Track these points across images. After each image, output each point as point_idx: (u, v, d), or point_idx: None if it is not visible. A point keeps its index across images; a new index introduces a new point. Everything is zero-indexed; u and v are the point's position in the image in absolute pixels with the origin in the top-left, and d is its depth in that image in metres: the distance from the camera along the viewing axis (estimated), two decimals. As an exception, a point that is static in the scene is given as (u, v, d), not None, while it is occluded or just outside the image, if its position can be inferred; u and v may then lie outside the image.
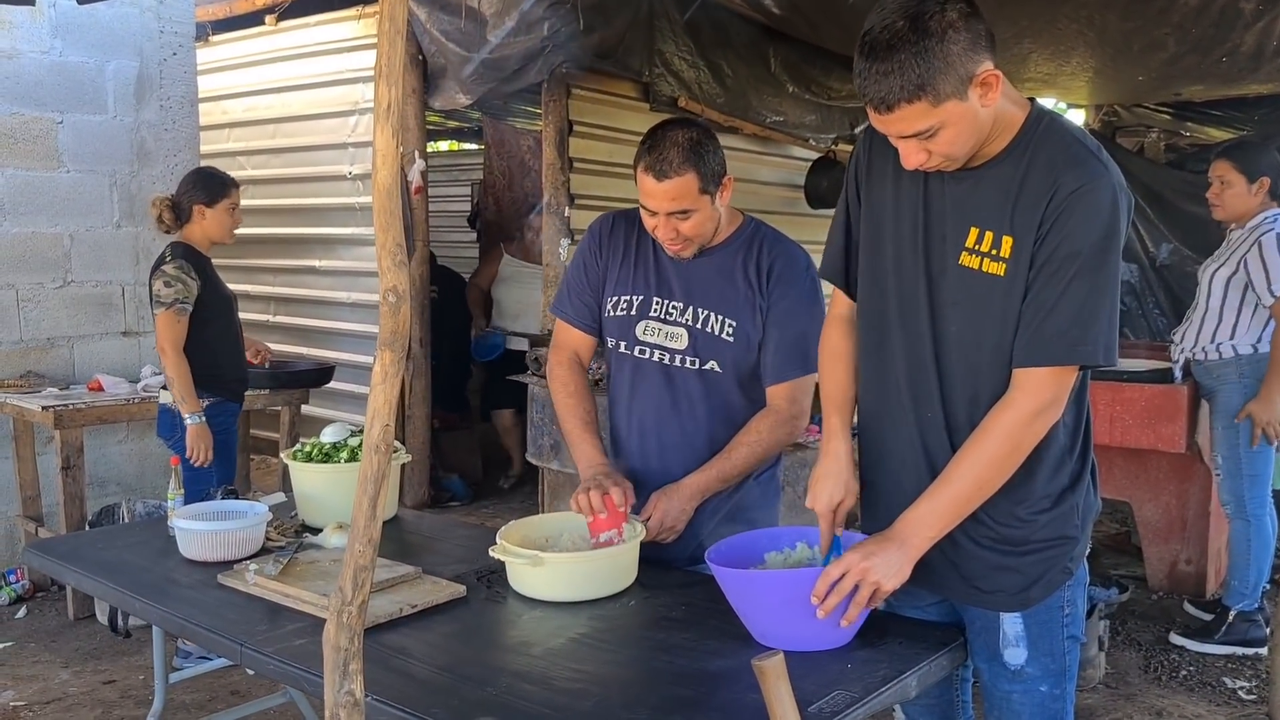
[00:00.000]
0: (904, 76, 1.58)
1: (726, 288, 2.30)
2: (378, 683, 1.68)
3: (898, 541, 1.73)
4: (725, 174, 2.24)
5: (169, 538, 2.48)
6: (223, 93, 6.83)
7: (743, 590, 1.83)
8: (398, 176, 1.45)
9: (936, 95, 1.59)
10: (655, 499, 2.26)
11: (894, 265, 1.84)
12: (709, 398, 2.32)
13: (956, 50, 1.58)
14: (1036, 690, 1.86)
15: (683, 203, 2.18)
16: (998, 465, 1.71)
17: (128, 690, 3.67)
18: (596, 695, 1.67)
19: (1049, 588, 1.83)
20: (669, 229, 2.23)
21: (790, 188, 7.46)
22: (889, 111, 1.63)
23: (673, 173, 2.15)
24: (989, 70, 1.62)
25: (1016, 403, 1.70)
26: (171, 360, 3.69)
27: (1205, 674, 3.76)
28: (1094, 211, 1.64)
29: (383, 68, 1.40)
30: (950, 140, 1.65)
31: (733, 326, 2.29)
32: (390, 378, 1.49)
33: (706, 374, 2.32)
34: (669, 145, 2.16)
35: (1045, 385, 1.69)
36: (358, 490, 1.49)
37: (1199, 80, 6.69)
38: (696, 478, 2.27)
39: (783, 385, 2.28)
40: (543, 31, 5.02)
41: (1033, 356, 1.69)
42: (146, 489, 5.04)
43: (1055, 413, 1.72)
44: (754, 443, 2.27)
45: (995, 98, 1.64)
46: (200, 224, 3.86)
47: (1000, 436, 1.70)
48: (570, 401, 2.42)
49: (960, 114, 1.62)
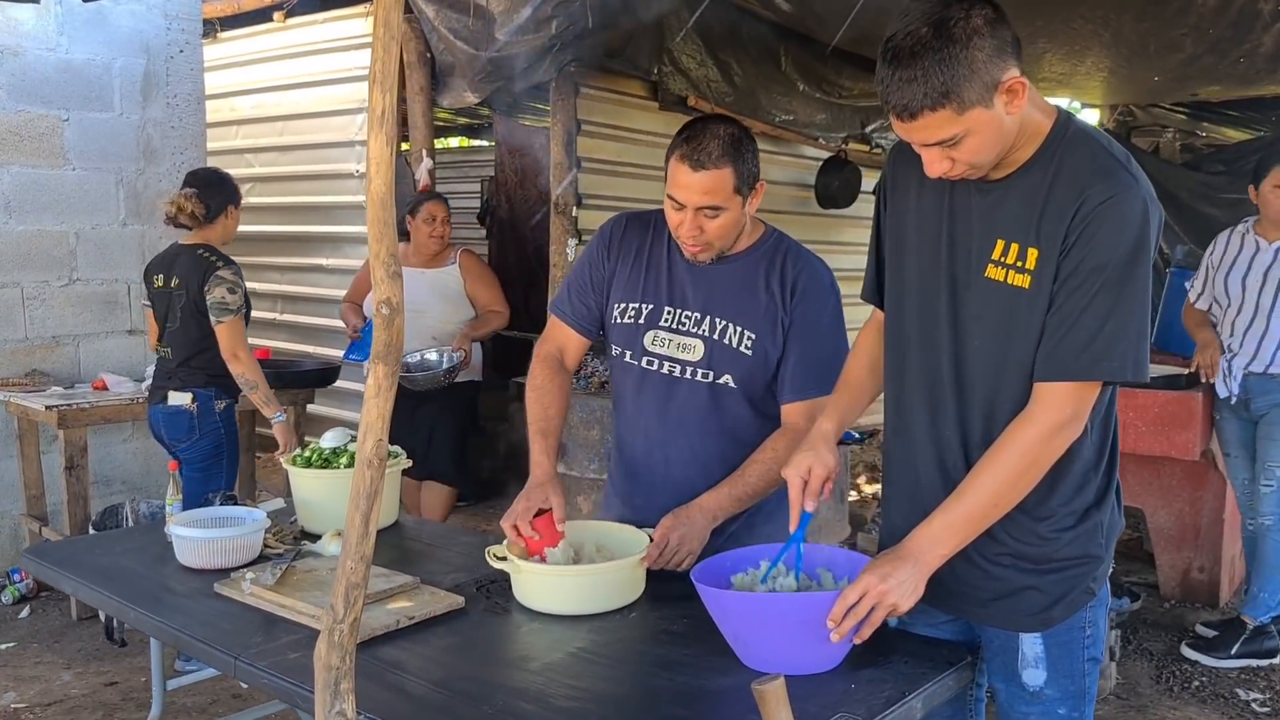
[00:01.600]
0: (928, 84, 1.54)
1: (747, 299, 2.21)
2: (372, 699, 1.64)
3: (912, 559, 1.68)
4: (760, 178, 2.16)
5: (167, 544, 2.45)
6: (230, 90, 6.81)
7: (729, 612, 1.77)
8: (392, 185, 1.41)
9: (961, 103, 1.55)
10: (668, 523, 2.15)
11: (917, 280, 1.81)
12: (718, 413, 2.24)
13: (982, 57, 1.54)
14: (1055, 713, 1.82)
15: (715, 198, 2.09)
16: (1014, 482, 1.67)
17: (129, 692, 3.65)
18: (594, 714, 1.64)
19: (1071, 608, 1.78)
20: (694, 226, 2.12)
21: (800, 187, 7.40)
22: (912, 119, 1.58)
23: (710, 164, 2.07)
24: (1015, 77, 1.57)
25: (1036, 418, 1.65)
26: (248, 364, 3.68)
27: (1218, 685, 3.71)
28: (1122, 224, 1.60)
29: (377, 74, 1.37)
30: (975, 149, 1.61)
31: (751, 339, 2.20)
32: (384, 391, 1.46)
33: (718, 388, 2.23)
34: (709, 137, 2.08)
35: (1066, 401, 1.64)
36: (349, 506, 1.45)
37: (1216, 81, 6.61)
38: (709, 499, 2.17)
39: (802, 404, 2.19)
40: (551, 30, 4.98)
41: (1053, 371, 1.65)
42: (151, 488, 5.03)
43: (1075, 430, 1.67)
44: (769, 460, 2.16)
45: (1021, 105, 1.60)
46: (224, 224, 3.85)
47: (1018, 452, 1.66)
48: (536, 399, 2.34)
49: (985, 122, 1.58)
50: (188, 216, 3.77)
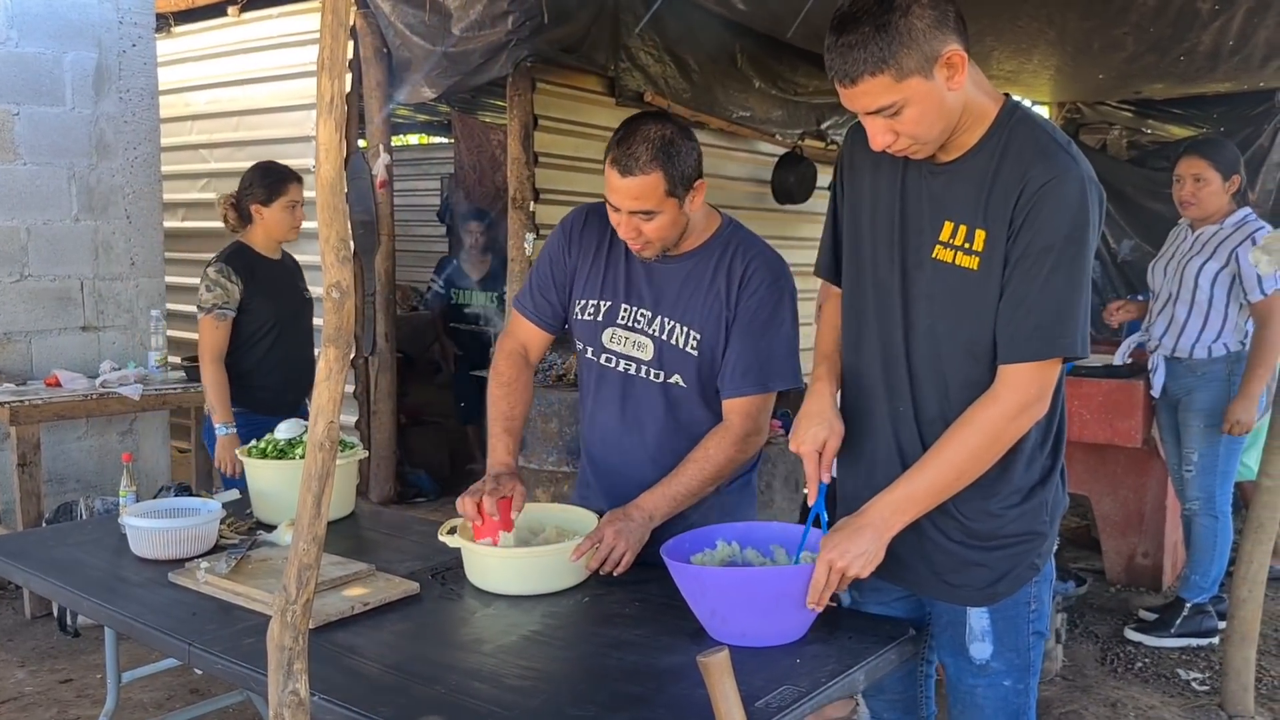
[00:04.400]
0: (866, 50, 1.58)
1: (694, 297, 2.18)
2: (325, 681, 1.67)
3: (870, 526, 1.73)
4: (698, 177, 2.11)
5: (122, 535, 2.45)
6: (185, 85, 6.73)
7: (696, 586, 1.82)
8: (341, 170, 1.44)
9: (899, 70, 1.59)
10: (604, 525, 2.11)
11: (871, 257, 1.86)
12: (672, 412, 2.22)
13: (921, 26, 1.58)
14: (1001, 684, 1.88)
15: (646, 202, 2.07)
16: (977, 457, 1.72)
17: (85, 689, 3.62)
18: (545, 693, 1.67)
19: (1016, 583, 1.84)
20: (631, 228, 2.12)
21: (757, 183, 7.46)
22: (853, 85, 1.63)
23: (638, 170, 2.04)
24: (955, 50, 1.61)
25: (1002, 398, 1.71)
26: (207, 369, 3.58)
27: (1160, 666, 3.81)
28: (1064, 204, 1.65)
29: (325, 60, 1.39)
30: (915, 120, 1.65)
31: (697, 339, 2.18)
32: (335, 374, 1.48)
33: (671, 388, 2.22)
34: (638, 140, 2.05)
35: (1031, 380, 1.70)
36: (301, 488, 1.48)
37: (1158, 79, 6.77)
38: (646, 499, 2.14)
39: (738, 400, 2.16)
40: (507, 25, 4.99)
41: (1016, 352, 1.70)
42: (106, 486, 4.97)
43: (1040, 409, 1.73)
44: (702, 460, 2.14)
45: (962, 80, 1.64)
46: (261, 225, 3.77)
47: (983, 429, 1.71)
48: (497, 394, 2.34)
49: (925, 93, 1.62)
50: (226, 220, 3.83)
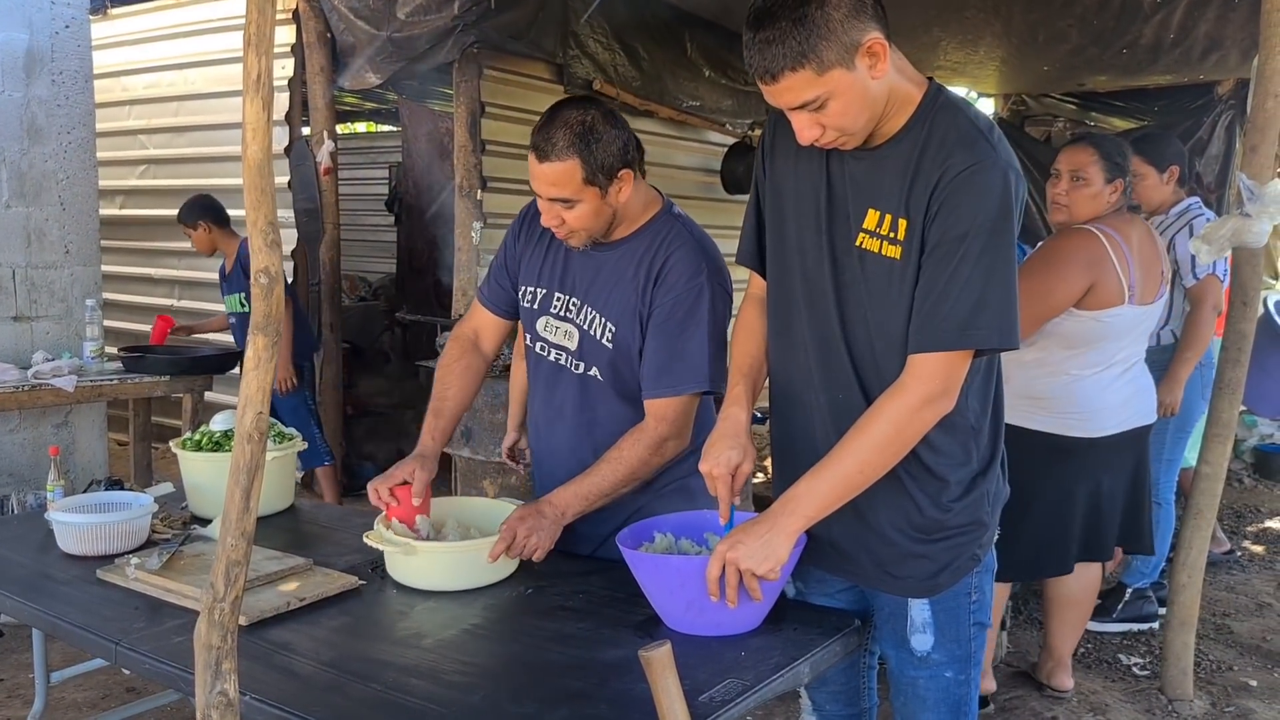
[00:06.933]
0: (785, 45, 1.56)
1: (615, 288, 2.12)
2: (257, 680, 1.62)
3: (769, 522, 1.68)
4: (623, 166, 2.02)
5: (49, 531, 2.37)
6: (122, 69, 6.58)
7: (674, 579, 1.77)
8: (269, 151, 1.38)
9: (820, 63, 1.56)
10: (514, 518, 2.05)
11: (797, 245, 1.81)
12: (591, 405, 2.18)
13: (838, 17, 1.56)
14: (942, 676, 1.86)
15: (564, 190, 2.00)
16: (881, 450, 1.68)
17: (15, 689, 3.52)
18: (485, 689, 1.63)
19: (957, 574, 1.82)
20: (553, 215, 2.05)
21: (706, 172, 7.45)
22: (774, 81, 1.60)
23: (554, 156, 1.97)
24: (875, 39, 1.59)
25: (906, 388, 1.67)
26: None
27: (1102, 652, 3.86)
28: (983, 193, 1.62)
29: (251, 36, 1.34)
30: (841, 112, 1.62)
31: (613, 331, 2.12)
32: (264, 363, 1.44)
33: (589, 380, 2.17)
34: (557, 125, 1.98)
35: (936, 372, 1.65)
36: (229, 481, 1.43)
37: (1102, 71, 6.85)
38: (557, 496, 2.08)
39: (654, 402, 2.09)
40: (453, 10, 4.90)
41: (923, 342, 1.66)
42: (40, 480, 4.78)
43: (947, 402, 1.68)
44: (615, 460, 2.07)
45: (884, 69, 1.61)
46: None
47: (885, 421, 1.67)
48: (440, 378, 2.31)
49: (848, 84, 1.59)
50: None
